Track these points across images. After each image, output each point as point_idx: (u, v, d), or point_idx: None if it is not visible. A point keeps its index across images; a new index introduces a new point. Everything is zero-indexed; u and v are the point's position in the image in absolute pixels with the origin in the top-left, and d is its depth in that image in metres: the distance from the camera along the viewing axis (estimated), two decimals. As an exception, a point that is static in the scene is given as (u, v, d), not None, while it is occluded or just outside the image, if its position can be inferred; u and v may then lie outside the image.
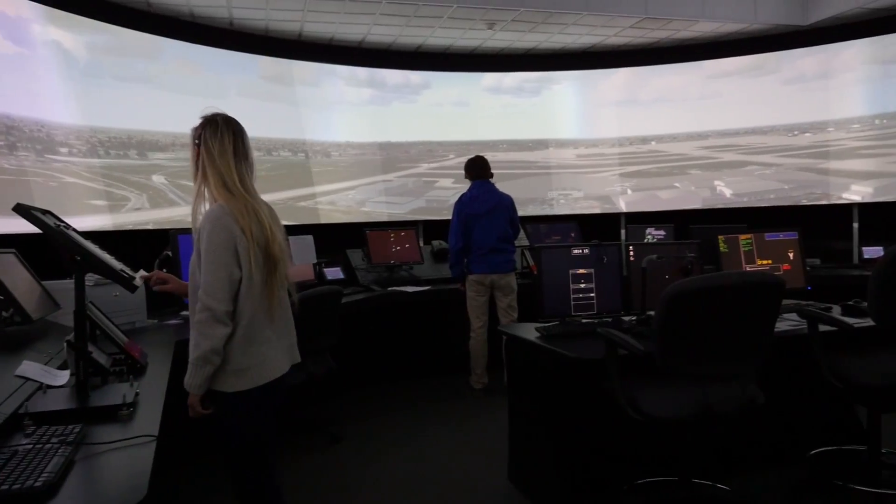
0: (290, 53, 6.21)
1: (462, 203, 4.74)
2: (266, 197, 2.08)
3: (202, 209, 1.94)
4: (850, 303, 3.12)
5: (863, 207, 6.35)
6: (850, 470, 2.99)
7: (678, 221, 6.08)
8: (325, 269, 5.06)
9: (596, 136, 7.27)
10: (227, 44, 5.77)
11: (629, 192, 7.21)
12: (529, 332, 2.93)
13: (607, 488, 2.89)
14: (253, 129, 2.09)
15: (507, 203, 4.79)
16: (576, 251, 3.04)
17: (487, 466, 3.37)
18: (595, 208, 7.19)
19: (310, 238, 4.88)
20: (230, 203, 1.89)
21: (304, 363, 3.58)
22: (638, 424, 2.32)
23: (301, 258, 4.75)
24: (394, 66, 6.79)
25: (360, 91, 6.74)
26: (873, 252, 5.40)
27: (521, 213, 6.31)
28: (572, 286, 3.00)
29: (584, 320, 2.99)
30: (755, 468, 3.16)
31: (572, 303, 3.00)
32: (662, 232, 5.92)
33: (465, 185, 4.90)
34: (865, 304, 2.74)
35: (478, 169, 4.80)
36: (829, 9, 6.01)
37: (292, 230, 5.21)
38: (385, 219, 6.64)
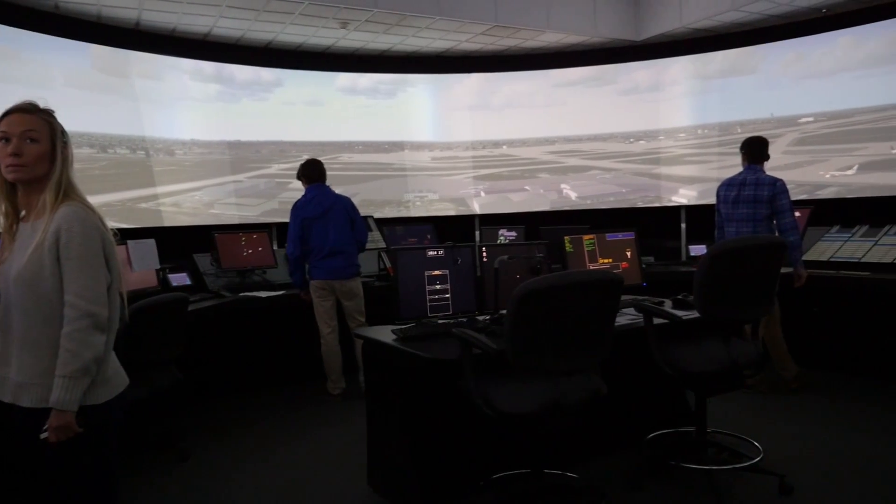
0: (126, 43, 5.75)
1: (297, 207, 4.59)
2: (101, 198, 1.94)
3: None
4: (680, 297, 3.41)
5: (689, 209, 6.98)
6: (681, 450, 3.25)
7: (529, 223, 6.35)
8: (170, 276, 4.75)
9: (450, 140, 7.42)
10: (52, 29, 5.22)
11: (482, 194, 7.42)
12: (386, 334, 2.91)
13: (465, 485, 2.94)
14: (85, 124, 1.92)
15: (344, 204, 4.64)
16: (431, 253, 3.07)
17: (347, 473, 3.31)
18: (450, 210, 7.33)
19: (152, 242, 4.55)
20: (86, 203, 1.79)
21: (147, 376, 3.34)
22: (493, 421, 2.38)
23: (142, 264, 4.41)
24: (243, 61, 6.50)
25: (207, 86, 6.39)
26: (698, 250, 5.94)
27: (377, 215, 6.33)
28: (428, 287, 3.02)
29: (440, 321, 3.02)
30: (599, 454, 3.36)
31: (428, 304, 3.02)
32: (514, 233, 6.15)
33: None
34: (692, 297, 3.00)
35: (312, 172, 4.66)
36: (657, 27, 6.56)
37: (132, 234, 4.88)
38: (235, 221, 6.34)
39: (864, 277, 4.55)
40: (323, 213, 4.51)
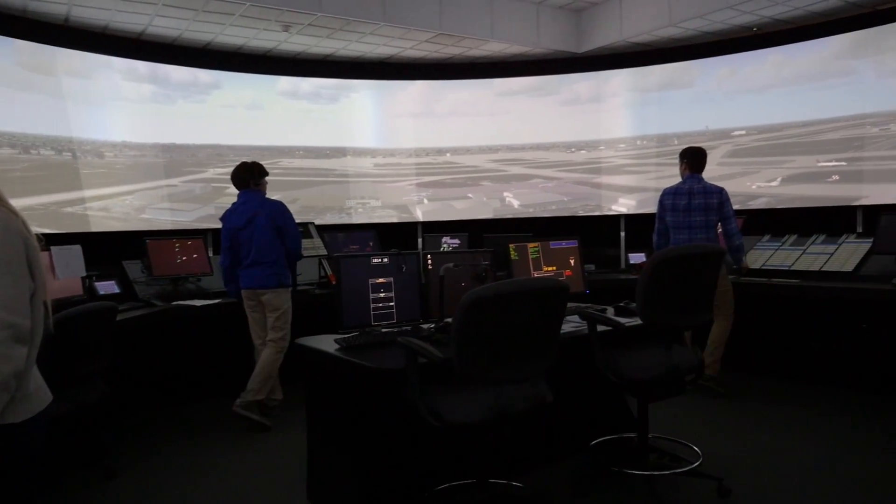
0: (54, 39, 5.47)
1: (224, 216, 4.37)
2: (23, 201, 1.80)
3: None
4: (622, 304, 3.44)
5: (628, 218, 7.12)
6: (624, 456, 3.28)
7: (472, 230, 6.35)
8: (97, 283, 4.52)
9: (393, 146, 7.37)
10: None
11: (426, 201, 7.39)
12: (328, 343, 2.82)
13: (409, 498, 2.87)
14: (6, 123, 1.77)
15: (270, 212, 4.25)
16: (375, 260, 3.00)
17: (285, 488, 3.19)
18: (392, 217, 7.27)
19: (78, 248, 4.30)
20: (8, 206, 1.63)
21: (72, 390, 3.14)
22: (438, 431, 2.33)
23: (67, 271, 4.18)
24: (179, 62, 6.29)
25: (141, 87, 6.15)
26: (637, 258, 6.06)
27: (318, 221, 6.20)
28: (372, 295, 2.95)
29: (384, 329, 2.96)
30: (544, 462, 3.35)
31: (372, 312, 2.95)
32: (457, 240, 6.14)
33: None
34: (634, 304, 3.03)
35: (237, 177, 4.35)
36: (598, 40, 6.69)
37: (57, 239, 4.62)
38: (169, 227, 6.10)
39: (794, 284, 4.72)
40: (247, 221, 4.23)
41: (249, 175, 4.35)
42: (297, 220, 4.48)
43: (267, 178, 4.46)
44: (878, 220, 4.81)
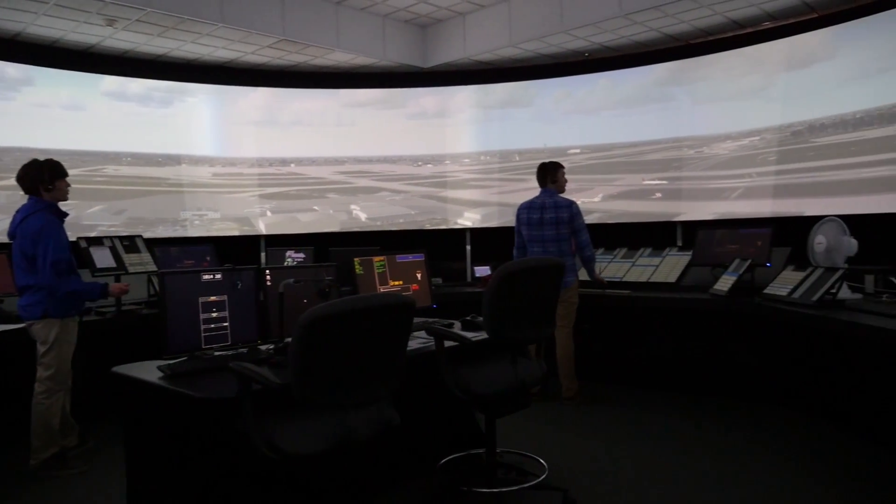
0: None
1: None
2: None
3: None
4: (469, 318, 3.43)
5: (473, 232, 7.26)
6: (473, 474, 3.25)
7: (318, 244, 6.14)
8: None
9: (234, 155, 6.97)
10: None
11: (269, 213, 7.06)
12: (150, 372, 2.53)
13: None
14: None
15: (27, 230, 3.48)
16: (206, 276, 2.75)
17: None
18: (233, 230, 6.86)
19: None
20: None
21: None
22: (278, 464, 2.15)
23: None
24: (-21, 54, 5.54)
25: (-73, 79, 5.32)
26: (482, 271, 6.17)
27: (149, 234, 5.70)
28: (202, 316, 2.70)
29: (216, 353, 2.71)
30: (392, 485, 3.25)
31: (203, 335, 2.70)
32: (302, 255, 5.90)
33: (80, 202, 4.08)
34: (481, 318, 3.02)
35: (27, 179, 3.62)
36: (443, 56, 6.79)
37: None
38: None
39: (626, 295, 5.02)
40: (19, 241, 3.54)
41: (39, 178, 3.58)
42: (124, 234, 3.94)
43: (69, 182, 3.74)
44: (695, 234, 5.26)
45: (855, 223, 4.19)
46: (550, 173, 4.85)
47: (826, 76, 5.38)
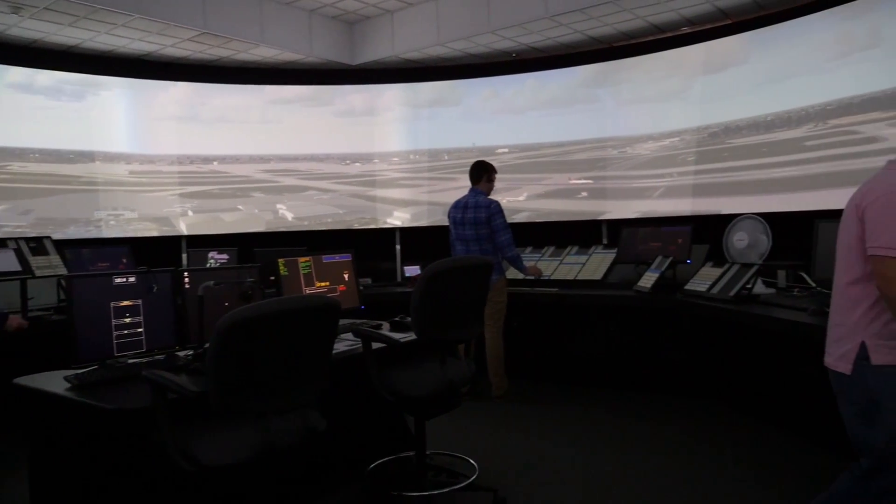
0: None
1: None
2: None
3: None
4: (397, 318, 3.39)
5: (403, 231, 7.21)
6: (403, 477, 3.22)
7: (242, 244, 5.96)
8: None
9: (152, 152, 6.67)
10: None
11: (190, 213, 6.80)
12: (57, 382, 2.37)
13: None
14: None
15: None
16: (119, 280, 2.60)
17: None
18: (152, 231, 6.57)
19: None
20: None
21: None
22: (197, 477, 2.05)
23: None
24: None
25: None
26: (412, 271, 6.13)
27: (59, 235, 5.39)
28: (115, 321, 2.56)
29: (130, 361, 2.57)
30: (321, 492, 3.17)
31: (115, 341, 2.55)
32: (226, 256, 5.71)
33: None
34: (409, 319, 2.99)
35: None
36: (371, 53, 6.71)
37: None
38: None
39: (554, 293, 5.09)
40: None
41: None
42: (32, 235, 3.67)
43: None
44: (619, 232, 5.39)
45: (766, 221, 4.39)
46: (486, 173, 4.86)
47: (740, 80, 5.61)
